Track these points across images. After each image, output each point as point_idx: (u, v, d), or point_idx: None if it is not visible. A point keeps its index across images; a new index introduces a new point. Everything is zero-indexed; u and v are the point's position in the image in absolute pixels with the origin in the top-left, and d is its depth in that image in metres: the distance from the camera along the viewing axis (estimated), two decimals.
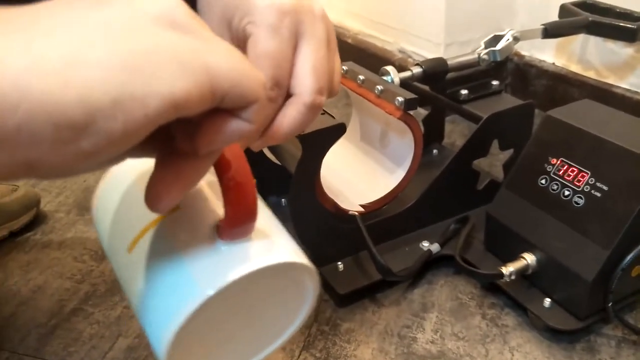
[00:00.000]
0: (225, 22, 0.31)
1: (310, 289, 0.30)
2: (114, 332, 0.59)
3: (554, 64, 0.98)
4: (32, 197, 0.77)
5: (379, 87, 0.61)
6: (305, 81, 0.29)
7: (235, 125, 0.23)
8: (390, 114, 0.60)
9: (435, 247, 0.63)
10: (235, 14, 0.30)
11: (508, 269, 0.55)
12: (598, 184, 0.53)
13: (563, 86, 0.95)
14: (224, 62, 0.22)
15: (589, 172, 0.54)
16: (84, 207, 0.81)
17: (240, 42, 0.30)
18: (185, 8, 0.22)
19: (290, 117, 0.29)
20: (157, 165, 0.24)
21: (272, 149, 0.74)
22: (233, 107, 0.22)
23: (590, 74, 0.92)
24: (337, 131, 0.55)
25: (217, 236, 0.26)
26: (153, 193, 0.23)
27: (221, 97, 0.21)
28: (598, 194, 0.53)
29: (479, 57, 0.70)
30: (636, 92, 0.86)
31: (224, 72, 0.21)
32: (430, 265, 0.63)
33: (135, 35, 0.20)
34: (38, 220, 0.78)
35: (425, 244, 0.64)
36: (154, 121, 0.19)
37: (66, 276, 0.67)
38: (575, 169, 0.55)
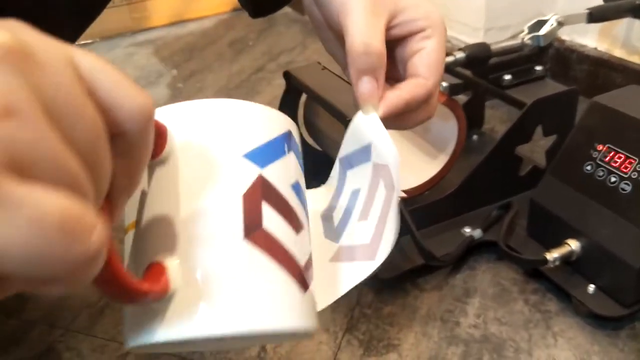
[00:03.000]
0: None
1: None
2: None
3: (596, 48, 0.96)
4: None
5: None
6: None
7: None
8: None
9: (477, 233, 0.63)
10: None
11: (552, 255, 0.55)
12: None
13: (605, 71, 0.94)
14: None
15: (637, 159, 0.53)
16: None
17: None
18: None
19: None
20: None
21: (313, 134, 0.74)
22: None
23: (635, 59, 0.90)
24: None
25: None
26: None
27: None
28: None
29: (522, 42, 0.70)
30: None
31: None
32: (472, 251, 0.63)
33: None
34: None
35: (467, 230, 0.64)
36: None
37: None
38: (622, 156, 0.54)
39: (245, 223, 0.27)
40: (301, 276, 0.29)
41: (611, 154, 0.55)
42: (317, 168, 0.45)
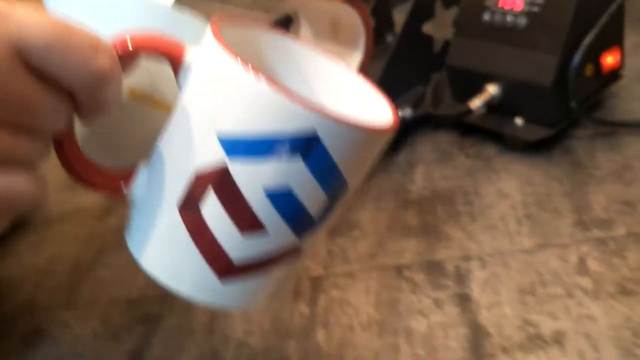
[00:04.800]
0: None
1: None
2: (132, 270, 0.62)
3: None
4: None
5: None
6: None
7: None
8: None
9: (408, 112, 0.66)
10: None
11: (475, 103, 0.58)
12: (534, 0, 0.56)
13: None
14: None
15: None
16: (72, 185, 0.83)
17: None
18: None
19: None
20: None
21: None
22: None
23: None
24: None
25: None
26: None
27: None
28: (536, 9, 0.56)
29: None
30: None
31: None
32: (408, 130, 0.66)
33: None
34: (34, 209, 0.81)
35: (398, 113, 0.67)
36: None
37: (75, 241, 0.70)
38: None
39: (185, 196, 0.28)
40: (226, 270, 0.29)
41: None
42: None
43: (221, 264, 0.28)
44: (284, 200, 0.27)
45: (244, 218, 0.27)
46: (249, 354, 0.46)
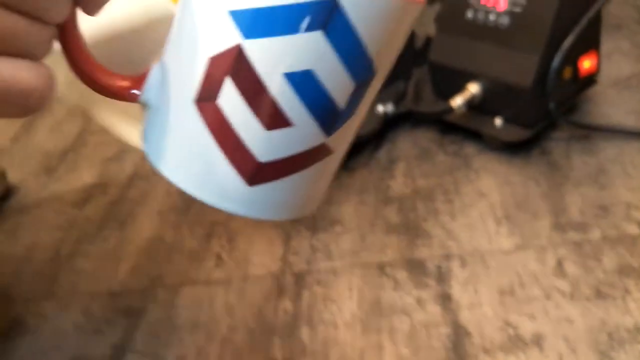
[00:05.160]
0: None
1: None
2: (113, 261, 0.62)
3: None
4: None
5: None
6: None
7: None
8: None
9: (389, 107, 0.66)
10: None
11: (456, 102, 0.59)
12: (516, 1, 0.57)
13: None
14: None
15: None
16: (49, 167, 0.82)
17: None
18: None
19: None
20: None
21: None
22: None
23: None
24: None
25: None
26: None
27: None
28: (519, 9, 0.57)
29: None
30: None
31: None
32: (390, 126, 0.67)
33: None
34: (9, 192, 0.79)
35: (380, 107, 0.68)
36: None
37: (54, 229, 0.70)
38: None
39: (201, 87, 0.26)
40: (253, 172, 0.27)
41: None
42: None
43: (246, 164, 0.26)
44: (305, 84, 0.25)
45: (264, 108, 0.25)
46: (233, 350, 0.47)
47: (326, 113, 0.26)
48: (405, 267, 0.50)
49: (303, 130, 0.26)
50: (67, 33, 0.26)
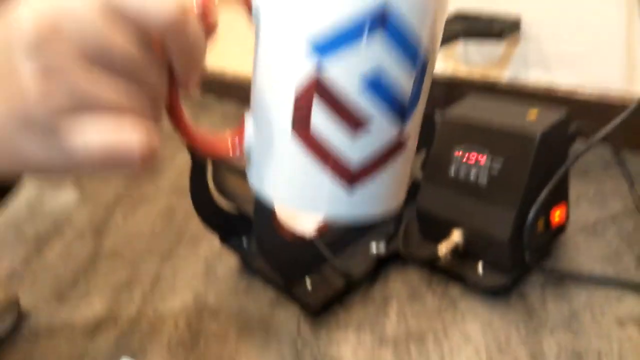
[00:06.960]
0: None
1: None
2: None
3: (444, 71, 1.12)
4: (12, 299, 0.83)
5: None
6: None
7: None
8: None
9: (382, 247, 0.73)
10: None
11: (441, 250, 0.66)
12: (494, 163, 0.65)
13: (457, 87, 1.09)
14: None
15: (486, 155, 0.66)
16: (60, 293, 0.87)
17: None
18: None
19: None
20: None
21: (223, 192, 0.82)
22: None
23: (476, 73, 1.06)
24: None
25: None
26: None
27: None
28: (497, 171, 0.65)
29: None
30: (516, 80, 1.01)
31: None
32: (383, 264, 0.74)
33: None
34: (22, 318, 0.83)
35: (373, 244, 0.74)
36: None
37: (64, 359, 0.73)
38: (474, 154, 0.67)
39: (293, 116, 0.29)
40: (351, 176, 0.31)
41: (467, 155, 0.67)
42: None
43: (344, 171, 0.30)
44: (378, 81, 0.28)
45: (350, 114, 0.28)
46: None
47: (398, 103, 0.30)
48: None
49: (381, 125, 0.30)
50: (172, 106, 0.30)
